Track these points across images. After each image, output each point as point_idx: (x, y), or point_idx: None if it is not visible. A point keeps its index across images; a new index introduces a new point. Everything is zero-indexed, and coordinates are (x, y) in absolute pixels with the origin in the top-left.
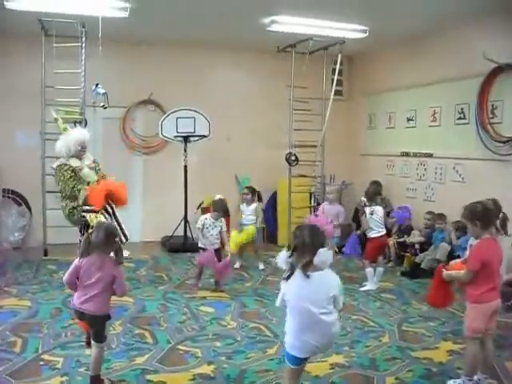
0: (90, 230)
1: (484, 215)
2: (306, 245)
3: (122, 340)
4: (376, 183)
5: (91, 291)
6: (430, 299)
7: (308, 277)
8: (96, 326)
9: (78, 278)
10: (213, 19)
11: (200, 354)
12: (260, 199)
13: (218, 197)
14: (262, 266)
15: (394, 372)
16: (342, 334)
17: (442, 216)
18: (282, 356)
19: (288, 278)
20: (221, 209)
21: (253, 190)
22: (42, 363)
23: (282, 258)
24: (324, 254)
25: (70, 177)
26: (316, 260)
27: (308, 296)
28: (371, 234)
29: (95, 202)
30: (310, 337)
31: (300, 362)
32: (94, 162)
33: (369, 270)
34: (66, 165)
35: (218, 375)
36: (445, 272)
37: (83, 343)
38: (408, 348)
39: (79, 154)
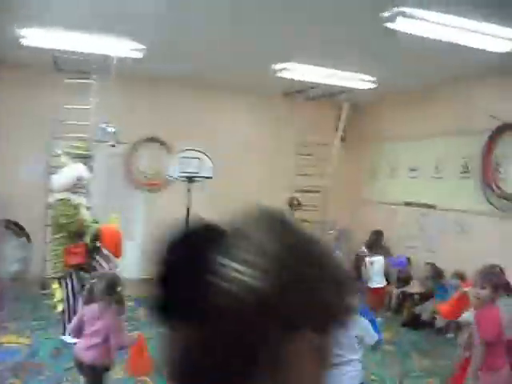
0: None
1: (501, 283)
2: None
3: None
4: (377, 232)
5: (92, 341)
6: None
7: None
8: (92, 377)
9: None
10: (225, 62)
11: None
12: None
13: None
14: None
15: None
16: None
17: (440, 272)
18: None
19: None
20: None
21: None
22: None
23: None
24: None
25: (75, 213)
26: None
27: None
28: (372, 285)
29: (113, 247)
30: None
31: None
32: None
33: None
34: (69, 200)
35: None
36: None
37: None
38: None
39: (75, 190)
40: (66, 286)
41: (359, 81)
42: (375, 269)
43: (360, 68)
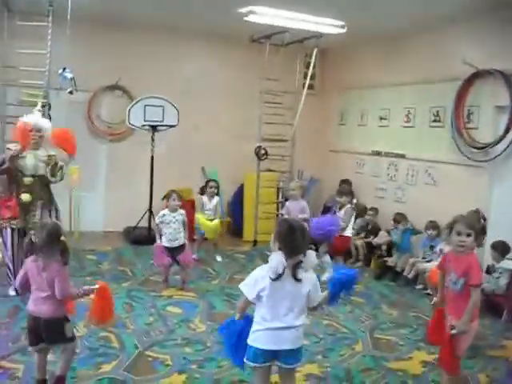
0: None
1: (482, 229)
2: (299, 245)
3: (86, 344)
4: (345, 181)
5: (42, 294)
6: (430, 339)
7: (300, 280)
8: (54, 331)
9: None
10: (188, 5)
11: (170, 361)
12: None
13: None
14: (219, 259)
15: None
16: (314, 340)
17: (403, 216)
18: None
19: (277, 279)
20: (170, 196)
21: (218, 185)
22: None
23: (310, 258)
24: (311, 255)
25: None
26: (305, 261)
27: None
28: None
29: (63, 143)
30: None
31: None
32: (49, 157)
33: (327, 258)
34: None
35: None
36: (458, 326)
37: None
38: (382, 358)
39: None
40: (5, 240)
41: (328, 26)
42: (341, 216)
43: (329, 13)
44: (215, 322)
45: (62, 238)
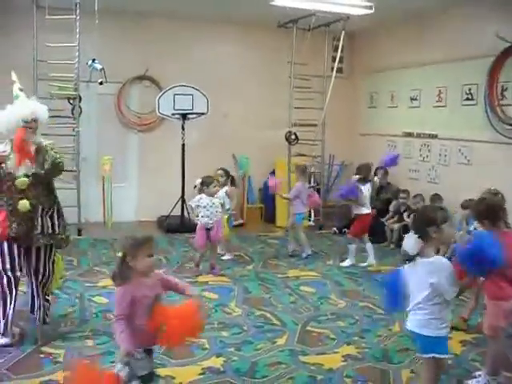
0: None
1: (490, 213)
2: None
3: None
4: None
5: None
6: None
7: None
8: None
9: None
10: None
11: (207, 345)
12: (233, 183)
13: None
14: (227, 257)
15: (409, 364)
16: (350, 322)
17: (438, 196)
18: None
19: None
20: (210, 182)
21: (227, 173)
22: (41, 356)
23: (411, 242)
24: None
25: None
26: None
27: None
28: (358, 211)
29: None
30: None
31: None
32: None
33: (353, 247)
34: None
35: (227, 368)
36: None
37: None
38: None
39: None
40: None
41: (356, 7)
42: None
43: None
44: (251, 307)
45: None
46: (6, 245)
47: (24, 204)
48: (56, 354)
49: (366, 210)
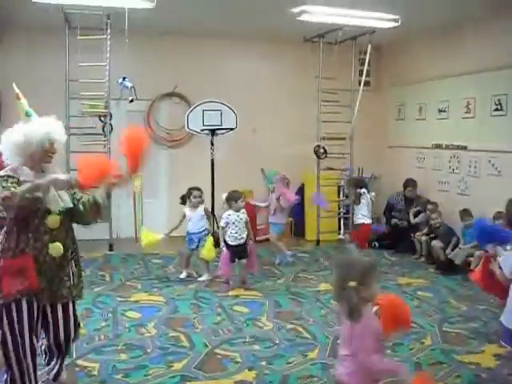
0: None
1: None
2: None
3: (157, 344)
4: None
5: None
6: (475, 277)
7: None
8: None
9: None
10: (240, 9)
11: (239, 358)
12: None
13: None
14: (204, 277)
15: (442, 378)
16: None
17: (467, 212)
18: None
19: None
20: (238, 198)
21: (202, 192)
22: (77, 369)
23: None
24: None
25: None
26: None
27: None
28: (361, 220)
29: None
30: None
31: None
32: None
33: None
34: (11, 177)
35: (259, 382)
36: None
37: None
38: (452, 351)
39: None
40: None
41: (382, 20)
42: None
43: (382, 6)
44: (282, 320)
45: None
46: (24, 303)
47: (58, 247)
48: (91, 368)
49: (362, 219)
